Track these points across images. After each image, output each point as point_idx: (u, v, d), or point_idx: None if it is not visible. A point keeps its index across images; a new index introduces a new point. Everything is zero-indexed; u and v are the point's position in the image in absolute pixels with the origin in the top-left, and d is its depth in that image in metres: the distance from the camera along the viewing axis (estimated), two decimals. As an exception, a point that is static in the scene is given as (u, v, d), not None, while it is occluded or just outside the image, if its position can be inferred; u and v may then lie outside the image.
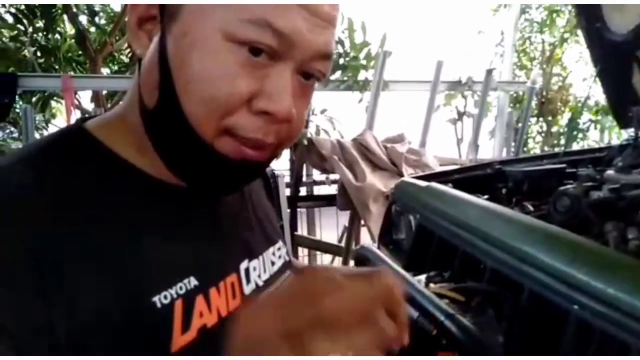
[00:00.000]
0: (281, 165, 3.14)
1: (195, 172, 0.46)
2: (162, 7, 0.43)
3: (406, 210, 1.63)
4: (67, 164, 0.43)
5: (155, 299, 0.41)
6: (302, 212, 3.38)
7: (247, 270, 0.53)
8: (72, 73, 3.02)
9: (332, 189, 3.15)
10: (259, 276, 0.55)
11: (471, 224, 1.25)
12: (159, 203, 0.46)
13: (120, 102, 0.51)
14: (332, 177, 3.28)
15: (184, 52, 0.41)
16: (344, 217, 3.19)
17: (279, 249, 0.62)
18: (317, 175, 3.31)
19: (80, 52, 3.71)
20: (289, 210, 3.11)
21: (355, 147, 2.89)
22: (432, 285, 1.04)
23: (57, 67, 3.39)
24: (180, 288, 0.43)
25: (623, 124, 2.00)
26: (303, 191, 3.31)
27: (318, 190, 3.35)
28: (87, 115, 0.51)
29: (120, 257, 0.41)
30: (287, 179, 3.15)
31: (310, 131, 3.00)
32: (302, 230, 3.43)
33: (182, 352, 0.42)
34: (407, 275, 1.05)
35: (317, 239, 3.42)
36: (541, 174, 1.69)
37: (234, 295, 0.50)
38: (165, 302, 0.42)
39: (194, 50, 0.41)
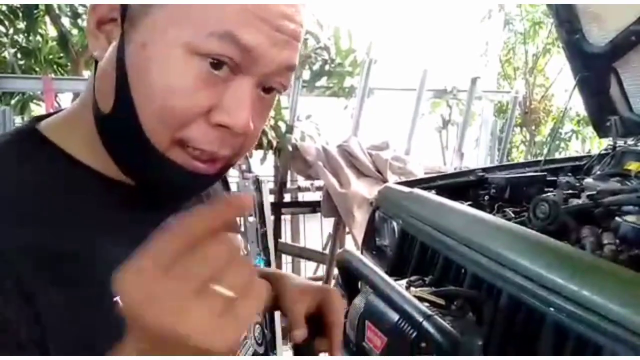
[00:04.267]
0: (265, 171, 3.14)
1: (146, 178, 0.46)
2: (124, 11, 0.43)
3: (389, 216, 1.64)
4: (19, 167, 0.43)
5: (118, 298, 0.42)
6: (286, 219, 3.38)
7: None
8: (52, 75, 2.98)
9: (317, 196, 3.15)
10: None
11: (452, 229, 1.26)
12: (116, 204, 0.46)
13: (74, 102, 0.51)
14: (317, 183, 3.28)
15: (144, 62, 0.41)
16: (329, 224, 3.19)
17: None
18: (301, 181, 3.31)
19: (61, 54, 3.67)
20: (272, 217, 3.10)
21: (340, 153, 2.90)
22: (412, 289, 1.04)
23: (37, 69, 3.34)
24: None
25: (601, 133, 2.05)
26: (287, 198, 3.31)
27: (302, 197, 3.35)
28: (39, 115, 0.51)
29: (80, 260, 0.41)
30: (271, 185, 3.15)
31: (295, 137, 3.01)
32: (286, 238, 3.43)
33: None
34: (389, 278, 1.05)
35: (301, 246, 3.41)
36: (523, 182, 1.72)
37: None
38: None
39: (154, 61, 0.41)
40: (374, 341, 1.04)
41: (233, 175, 2.98)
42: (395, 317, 1.00)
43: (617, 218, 1.19)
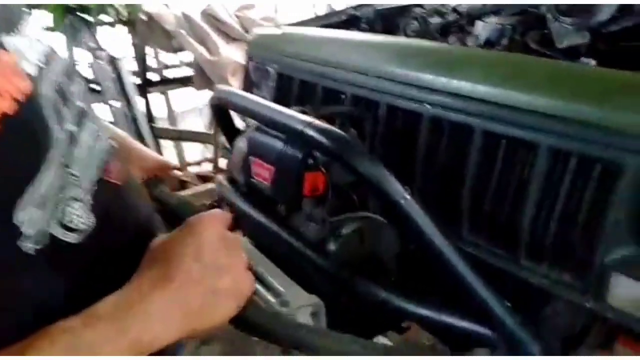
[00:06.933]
0: (122, 51, 2.76)
1: None
2: None
3: (264, 63, 1.54)
4: None
5: None
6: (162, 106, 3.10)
7: (16, 47, 0.42)
8: None
9: (186, 72, 2.91)
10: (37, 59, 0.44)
11: (327, 57, 1.21)
12: None
13: None
14: (185, 59, 3.01)
15: None
16: (206, 99, 3.01)
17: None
18: (168, 58, 3.01)
19: None
20: (143, 101, 2.82)
21: (204, 19, 2.62)
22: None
23: None
24: None
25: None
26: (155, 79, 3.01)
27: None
28: None
29: None
30: (135, 68, 2.82)
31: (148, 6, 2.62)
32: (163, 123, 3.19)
33: None
34: (268, 102, 1.00)
35: (181, 129, 3.21)
36: (393, 11, 1.70)
37: (18, 74, 0.39)
38: None
39: None
40: (262, 174, 1.00)
41: (84, 57, 2.58)
42: (279, 144, 0.96)
43: (477, 21, 1.23)
